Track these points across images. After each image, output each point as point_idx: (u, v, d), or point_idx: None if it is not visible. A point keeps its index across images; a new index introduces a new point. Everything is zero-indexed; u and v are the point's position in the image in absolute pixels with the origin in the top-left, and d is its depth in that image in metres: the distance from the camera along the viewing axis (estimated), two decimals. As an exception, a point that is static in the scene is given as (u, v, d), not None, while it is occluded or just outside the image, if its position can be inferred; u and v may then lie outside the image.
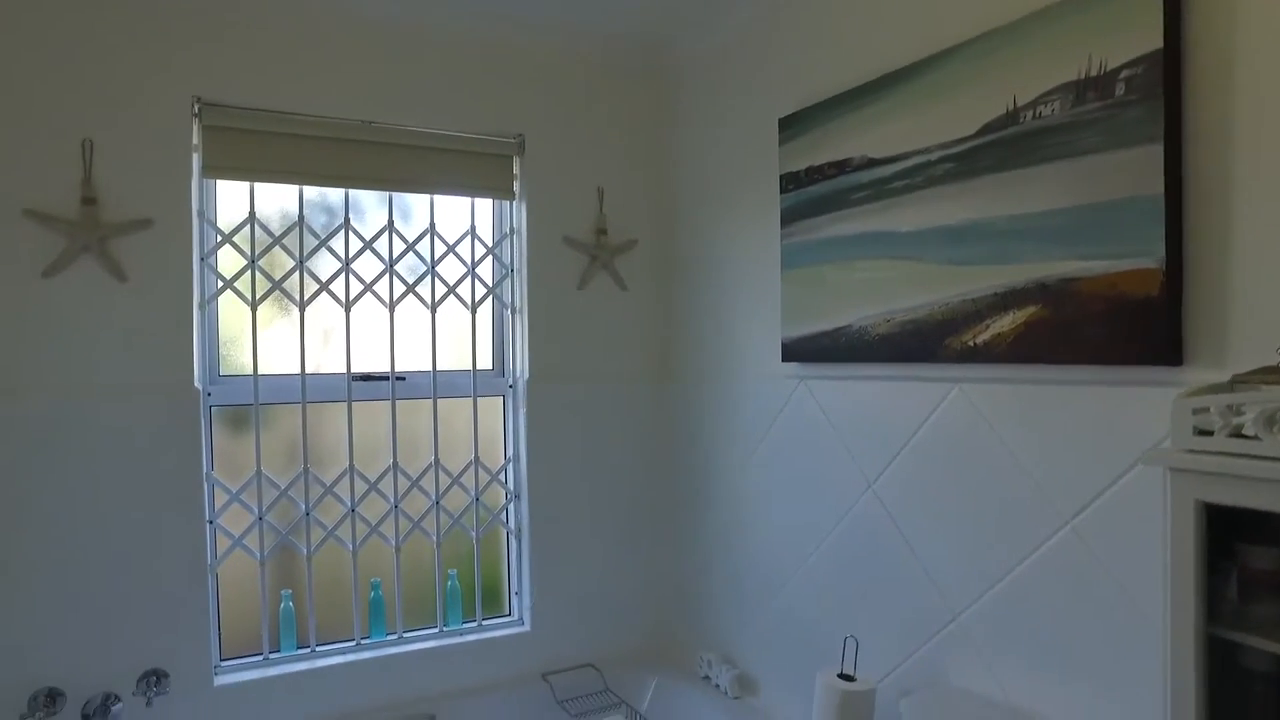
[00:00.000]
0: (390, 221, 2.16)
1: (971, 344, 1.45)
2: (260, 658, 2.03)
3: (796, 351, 1.87)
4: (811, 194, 1.81)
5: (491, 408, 2.34)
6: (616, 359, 2.41)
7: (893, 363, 1.64)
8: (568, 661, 2.30)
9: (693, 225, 2.32)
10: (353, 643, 2.13)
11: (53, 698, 1.74)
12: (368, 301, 2.14)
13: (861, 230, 1.68)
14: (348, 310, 2.11)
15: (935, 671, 1.57)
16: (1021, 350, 1.37)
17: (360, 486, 2.12)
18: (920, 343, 1.56)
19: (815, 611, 1.86)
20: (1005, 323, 1.39)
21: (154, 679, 1.83)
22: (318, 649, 2.08)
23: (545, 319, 2.31)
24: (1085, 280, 1.26)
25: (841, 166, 1.73)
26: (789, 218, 1.88)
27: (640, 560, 2.44)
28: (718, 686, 2.13)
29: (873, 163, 1.65)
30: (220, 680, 1.93)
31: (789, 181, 1.88)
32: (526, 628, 2.30)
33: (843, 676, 1.61)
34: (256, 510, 2.01)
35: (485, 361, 2.34)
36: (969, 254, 1.45)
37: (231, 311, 2.03)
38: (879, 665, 1.67)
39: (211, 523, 1.95)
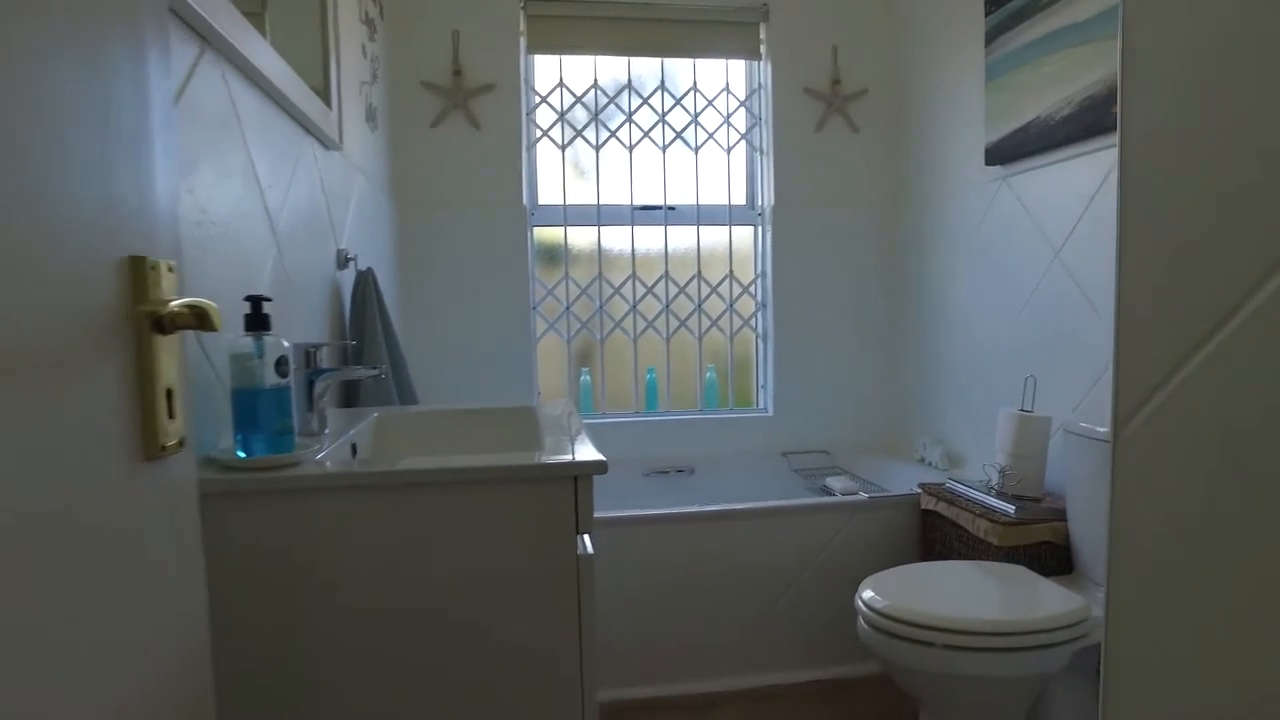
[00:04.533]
0: (662, 82, 2.71)
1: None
2: (569, 413, 2.74)
3: (996, 155, 2.08)
4: (1010, 9, 2.00)
5: (742, 234, 2.81)
6: (848, 190, 2.74)
7: (1073, 143, 1.81)
8: (803, 446, 2.74)
9: (913, 71, 2.56)
10: (632, 413, 2.77)
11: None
12: (645, 146, 2.72)
13: (1048, 30, 1.86)
14: (630, 153, 2.70)
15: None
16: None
17: (639, 290, 2.73)
18: (1096, 117, 1.72)
19: (1014, 386, 2.09)
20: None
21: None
22: (606, 414, 2.75)
23: (788, 158, 2.71)
24: None
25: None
26: (991, 37, 2.08)
27: (869, 362, 2.78)
28: (931, 464, 2.43)
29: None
30: (542, 422, 2.68)
31: (991, 4, 2.08)
32: (769, 414, 2.77)
33: (1023, 410, 1.86)
34: (565, 302, 2.70)
35: (739, 196, 2.81)
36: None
37: (547, 155, 2.72)
38: (1060, 409, 1.88)
39: (534, 309, 2.69)
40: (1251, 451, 0.44)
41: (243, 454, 0.94)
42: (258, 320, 0.96)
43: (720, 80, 2.75)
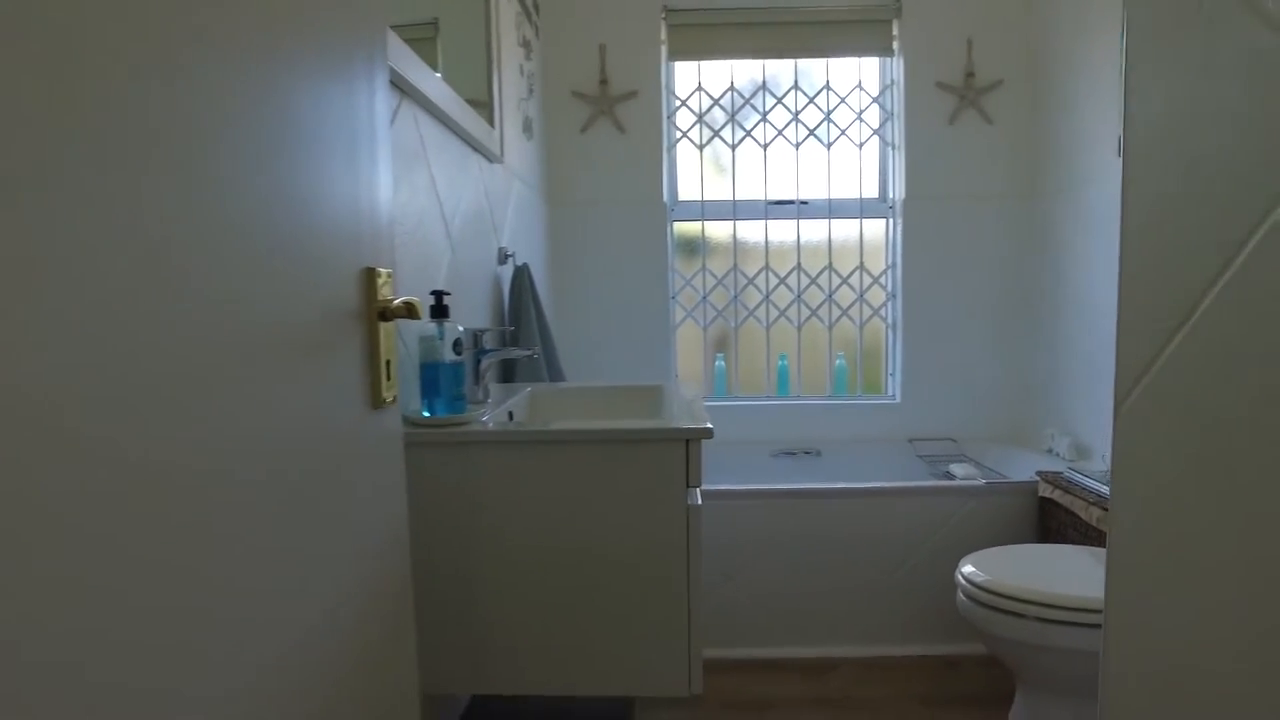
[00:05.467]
0: (795, 82, 2.83)
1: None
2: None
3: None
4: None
5: (873, 226, 2.89)
6: (980, 181, 2.76)
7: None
8: (930, 433, 2.80)
9: (1050, 60, 2.54)
10: (764, 397, 2.93)
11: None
12: (779, 143, 2.86)
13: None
14: (765, 150, 2.86)
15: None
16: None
17: (772, 281, 2.88)
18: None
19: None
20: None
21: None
22: (739, 397, 2.93)
23: (919, 152, 2.76)
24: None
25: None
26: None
27: (998, 352, 2.79)
28: (1058, 455, 2.43)
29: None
30: (678, 403, 2.89)
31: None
32: (897, 401, 2.84)
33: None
34: (701, 292, 2.90)
35: (870, 190, 2.89)
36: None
37: (686, 154, 2.92)
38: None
39: (673, 298, 2.90)
40: (1220, 424, 0.57)
41: (427, 413, 1.21)
42: (439, 309, 1.22)
43: (853, 77, 2.84)
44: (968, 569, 1.64)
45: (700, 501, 1.19)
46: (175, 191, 0.51)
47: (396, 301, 0.82)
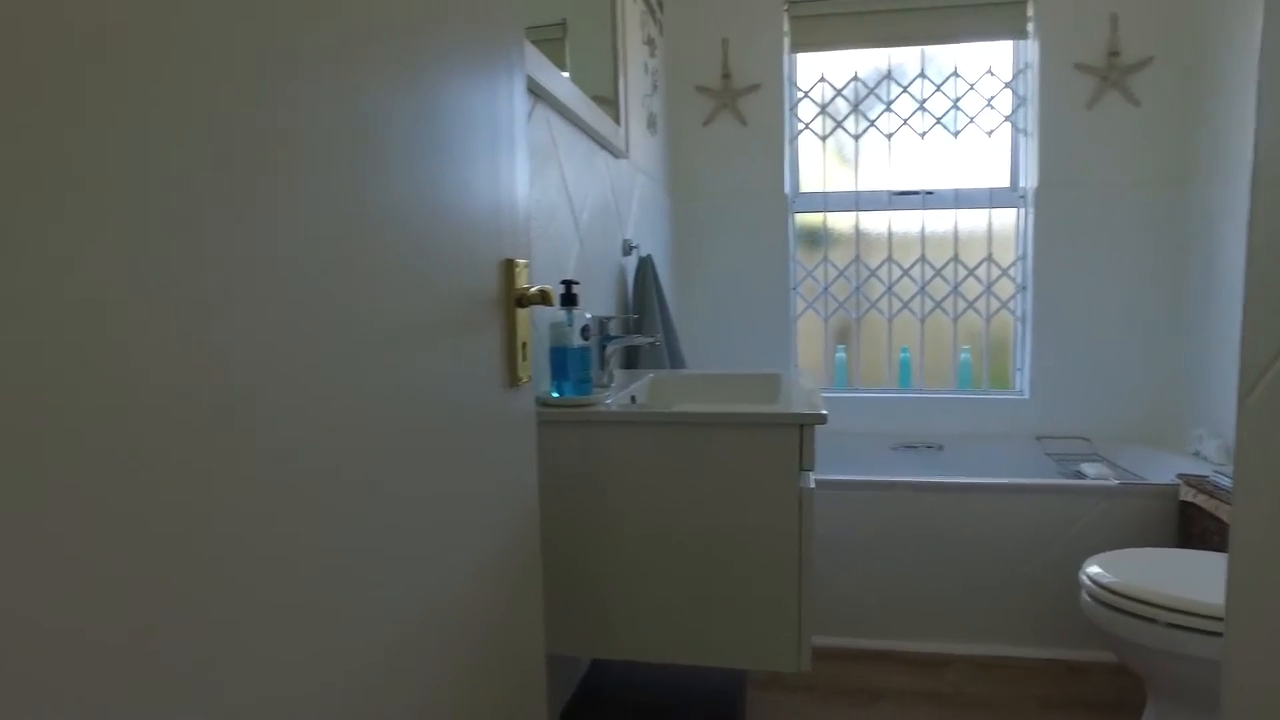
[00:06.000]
0: (922, 69, 2.77)
1: None
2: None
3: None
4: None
5: (1002, 216, 2.79)
6: (1123, 168, 2.61)
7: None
8: (1060, 431, 2.68)
9: (1208, 34, 2.36)
10: (885, 389, 2.89)
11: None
12: (904, 134, 2.81)
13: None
14: (889, 140, 2.81)
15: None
16: None
17: (895, 272, 2.84)
18: None
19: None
20: None
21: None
22: (859, 389, 2.91)
23: (1054, 138, 2.65)
24: None
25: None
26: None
27: (1138, 348, 2.64)
28: (1205, 458, 2.29)
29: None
30: (795, 393, 2.91)
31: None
32: (1025, 397, 2.75)
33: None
34: (823, 283, 2.90)
35: (1000, 179, 2.80)
36: None
37: (808, 145, 2.92)
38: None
39: (794, 289, 2.91)
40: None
41: (556, 394, 1.30)
42: (569, 298, 1.31)
43: (982, 62, 2.75)
44: (1093, 569, 1.59)
45: (813, 485, 1.23)
46: (346, 187, 0.61)
47: (532, 290, 0.91)
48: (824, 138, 2.86)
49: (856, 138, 2.84)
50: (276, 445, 0.52)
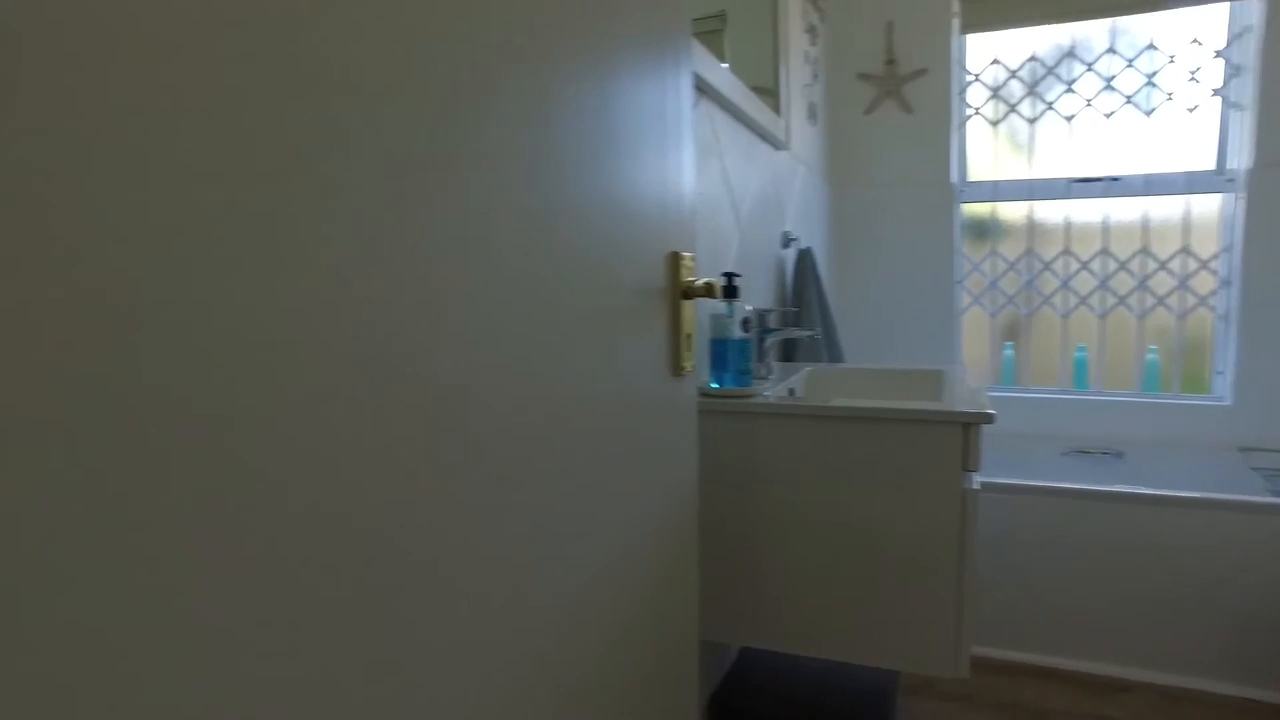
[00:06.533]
0: (1111, 44, 2.56)
1: None
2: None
3: None
4: None
5: (1203, 204, 2.53)
6: (1362, 143, 2.30)
7: None
8: (1272, 444, 2.41)
9: None
10: (1057, 390, 2.71)
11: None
12: (1086, 116, 2.61)
13: None
14: (1069, 124, 2.62)
15: None
16: None
17: (1072, 265, 2.65)
18: None
19: None
20: None
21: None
22: (1029, 388, 2.74)
23: (1277, 111, 2.37)
24: None
25: None
26: None
27: (1373, 351, 2.32)
28: None
29: None
30: (957, 392, 2.78)
31: None
32: (1227, 403, 2.48)
33: None
34: (991, 277, 2.75)
35: (1203, 161, 2.54)
36: None
37: (977, 132, 2.77)
38: None
39: (958, 283, 2.78)
40: None
41: (715, 385, 1.33)
42: (730, 290, 1.33)
43: (1186, 31, 2.50)
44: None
45: (978, 486, 1.18)
46: (526, 182, 0.65)
47: (699, 282, 0.93)
48: (995, 123, 2.71)
49: (1032, 121, 2.67)
50: (481, 430, 0.57)
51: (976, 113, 2.73)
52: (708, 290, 0.94)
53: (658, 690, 0.96)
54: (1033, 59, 2.65)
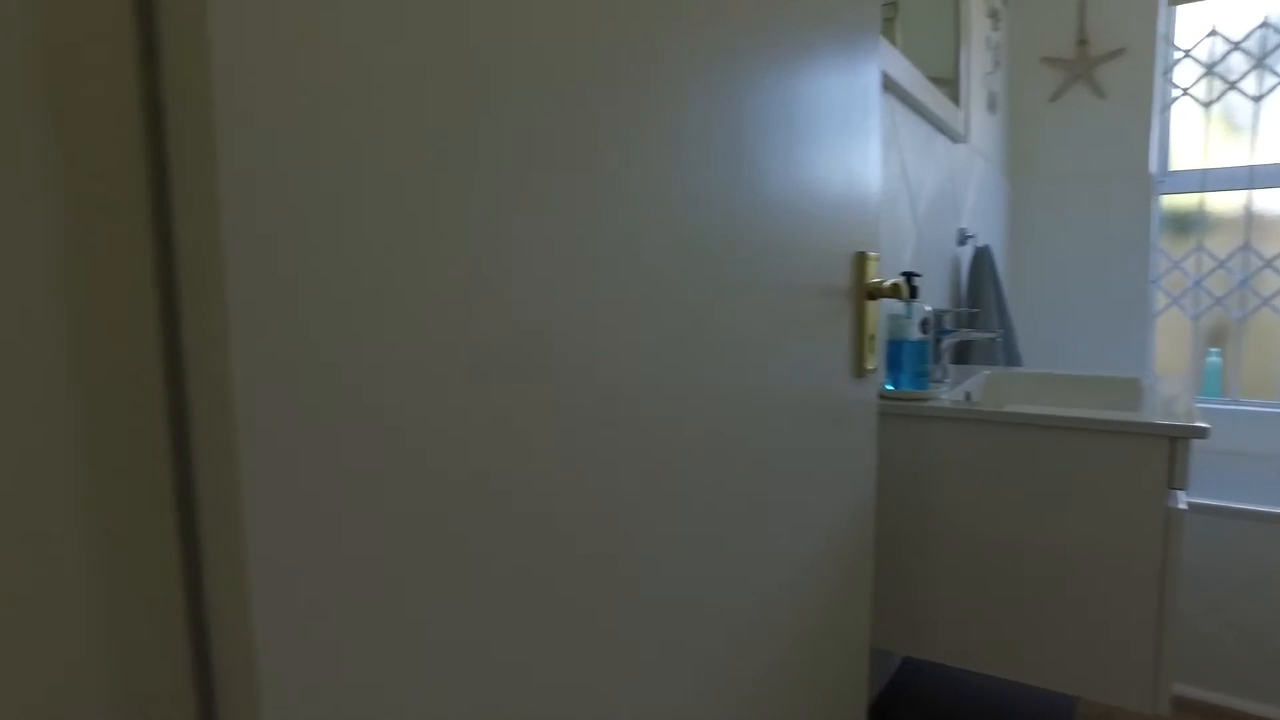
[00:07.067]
0: (1357, 11, 2.26)
1: None
2: (1186, 395, 2.54)
3: None
4: None
5: None
6: None
7: None
8: None
9: None
10: (1275, 403, 2.42)
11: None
12: (1322, 93, 2.31)
13: None
14: (1298, 103, 2.34)
15: None
16: None
17: (1296, 263, 2.37)
18: None
19: None
20: None
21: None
22: (1239, 400, 2.47)
23: None
24: None
25: None
26: None
27: None
28: None
29: None
30: (1151, 401, 2.55)
31: None
32: None
33: None
34: (1194, 276, 2.50)
35: None
36: None
37: (1181, 117, 2.52)
38: None
39: (1154, 283, 2.55)
40: None
41: (890, 387, 1.29)
42: (912, 290, 1.29)
43: None
44: None
45: (1184, 506, 1.09)
46: (720, 180, 0.66)
47: (887, 283, 0.92)
48: (1208, 104, 2.45)
49: (1258, 99, 2.39)
50: (707, 424, 0.59)
51: (1185, 93, 2.49)
52: (895, 291, 0.92)
53: (828, 696, 0.95)
54: (1264, 25, 2.37)
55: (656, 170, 0.54)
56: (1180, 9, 2.48)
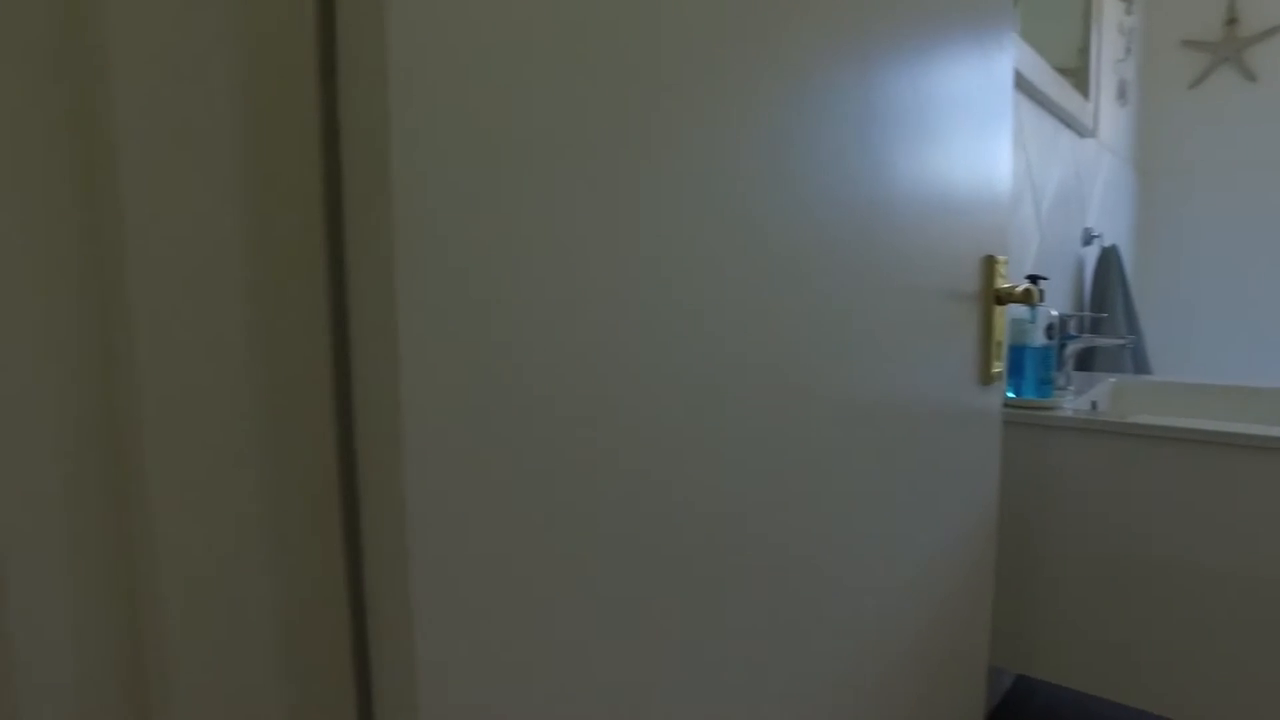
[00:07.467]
0: None
1: None
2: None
3: None
4: None
5: None
6: None
7: None
8: None
9: None
10: None
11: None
12: None
13: None
14: None
15: None
16: None
17: None
18: None
19: None
20: None
21: None
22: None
23: None
24: None
25: None
26: None
27: None
28: None
29: None
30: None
31: None
32: None
33: None
34: (1350, 278, 2.29)
35: None
36: None
37: (1346, 104, 2.31)
38: None
39: (1304, 285, 2.35)
40: None
41: (1012, 394, 1.24)
42: (1039, 295, 1.23)
43: None
44: None
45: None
46: (850, 176, 0.65)
47: (1018, 289, 0.88)
48: (1373, 91, 2.24)
49: None
50: (840, 415, 0.58)
51: (1344, 80, 2.28)
52: (1025, 297, 0.88)
53: (945, 712, 0.92)
54: None
55: (795, 167, 0.54)
56: (1343, -14, 2.28)
